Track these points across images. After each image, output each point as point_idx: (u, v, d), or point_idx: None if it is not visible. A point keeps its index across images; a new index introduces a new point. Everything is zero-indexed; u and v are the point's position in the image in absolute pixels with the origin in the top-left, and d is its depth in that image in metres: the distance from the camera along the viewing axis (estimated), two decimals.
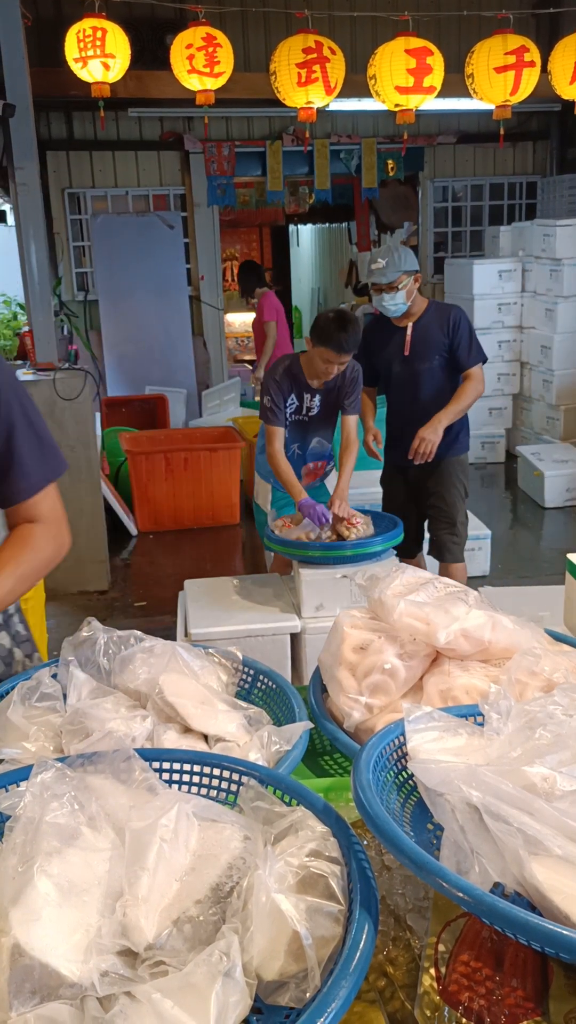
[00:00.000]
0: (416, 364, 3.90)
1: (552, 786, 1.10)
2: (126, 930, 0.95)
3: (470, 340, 3.85)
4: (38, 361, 5.26)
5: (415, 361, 3.90)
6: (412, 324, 3.89)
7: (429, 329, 3.88)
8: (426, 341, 3.88)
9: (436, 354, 3.87)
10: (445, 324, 3.84)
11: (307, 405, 3.75)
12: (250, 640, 3.34)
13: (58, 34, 5.37)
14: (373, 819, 1.06)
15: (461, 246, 9.78)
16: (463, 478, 4.08)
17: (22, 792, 1.08)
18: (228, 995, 0.86)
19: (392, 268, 3.70)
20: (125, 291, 8.64)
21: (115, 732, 1.42)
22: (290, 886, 0.96)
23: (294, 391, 3.70)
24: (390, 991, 1.08)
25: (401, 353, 3.92)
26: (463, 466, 4.09)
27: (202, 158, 8.71)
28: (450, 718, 1.31)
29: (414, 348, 3.89)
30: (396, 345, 3.93)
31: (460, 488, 4.07)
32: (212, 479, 6.53)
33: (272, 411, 3.68)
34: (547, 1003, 0.99)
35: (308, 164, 9.04)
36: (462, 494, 4.08)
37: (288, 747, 1.46)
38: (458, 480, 4.05)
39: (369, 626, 1.68)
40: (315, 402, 3.75)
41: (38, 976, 0.90)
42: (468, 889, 0.94)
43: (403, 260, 3.73)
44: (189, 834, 1.05)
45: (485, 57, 4.99)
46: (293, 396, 3.71)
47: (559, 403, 7.45)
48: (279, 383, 3.69)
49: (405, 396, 4.00)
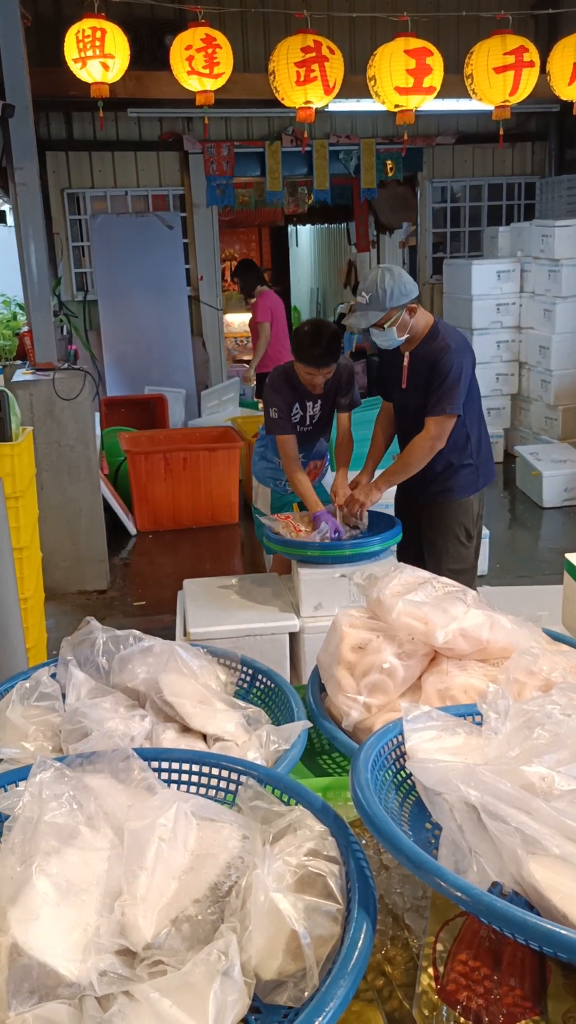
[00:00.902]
0: (412, 399, 3.44)
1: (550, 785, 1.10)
2: (124, 929, 0.95)
3: (445, 387, 3.28)
4: (37, 361, 5.27)
5: (411, 395, 3.45)
6: (410, 353, 3.41)
7: (422, 366, 3.37)
8: (418, 379, 3.40)
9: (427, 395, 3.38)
10: (434, 365, 3.30)
11: (310, 413, 3.72)
12: (249, 639, 3.34)
13: (57, 34, 5.36)
14: (371, 818, 1.07)
15: (460, 246, 9.79)
16: (464, 521, 3.54)
17: (21, 792, 1.08)
18: (226, 994, 0.86)
19: (375, 307, 3.22)
20: (124, 291, 8.65)
21: (114, 731, 1.42)
22: (288, 885, 0.96)
23: (296, 400, 3.65)
24: (388, 990, 1.08)
25: (400, 382, 3.49)
26: (465, 509, 3.53)
27: (201, 158, 8.72)
28: (448, 717, 1.31)
29: (411, 381, 3.44)
30: (397, 371, 3.50)
31: (456, 533, 3.54)
32: (211, 479, 6.53)
33: (279, 421, 3.61)
34: (545, 1002, 0.99)
35: (307, 165, 9.04)
36: (460, 539, 3.55)
37: (286, 746, 1.47)
38: (455, 524, 3.53)
39: (368, 625, 1.68)
40: (316, 408, 3.72)
41: (36, 975, 0.90)
42: (466, 888, 0.94)
43: (390, 296, 3.20)
44: (187, 833, 1.05)
45: (484, 57, 4.99)
46: (296, 405, 3.66)
47: (557, 403, 7.46)
48: (281, 392, 3.62)
49: (404, 431, 3.57)
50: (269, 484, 4.05)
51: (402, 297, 3.23)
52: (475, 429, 3.50)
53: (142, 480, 6.45)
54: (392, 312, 3.23)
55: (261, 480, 4.12)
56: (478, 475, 3.55)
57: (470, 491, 3.53)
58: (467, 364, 3.33)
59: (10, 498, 3.52)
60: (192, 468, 6.49)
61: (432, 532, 3.56)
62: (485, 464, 3.59)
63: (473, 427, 3.49)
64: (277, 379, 3.68)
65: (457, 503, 3.52)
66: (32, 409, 5.01)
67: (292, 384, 3.64)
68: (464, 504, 3.54)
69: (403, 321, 3.28)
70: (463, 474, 3.49)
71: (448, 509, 3.51)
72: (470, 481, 3.52)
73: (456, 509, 3.52)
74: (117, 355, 8.71)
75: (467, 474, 3.50)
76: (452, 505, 3.51)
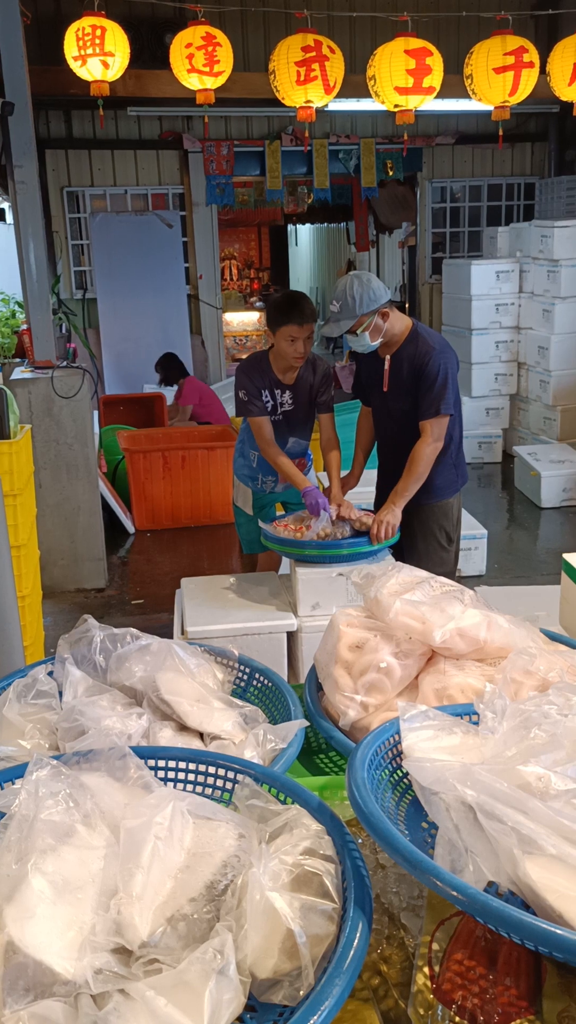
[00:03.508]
0: (393, 403, 3.44)
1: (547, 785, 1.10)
2: (120, 928, 0.95)
3: (434, 390, 3.29)
4: (36, 359, 5.27)
5: (392, 399, 3.45)
6: (391, 356, 3.41)
7: (404, 369, 3.37)
8: (400, 382, 3.39)
9: (410, 398, 3.37)
10: (417, 369, 3.31)
11: (279, 401, 3.68)
12: (246, 638, 3.34)
13: (57, 32, 5.37)
14: (368, 817, 1.07)
15: (459, 246, 9.80)
16: (445, 525, 3.55)
17: (17, 789, 1.08)
18: (222, 993, 0.86)
19: (346, 314, 3.25)
20: (123, 290, 8.65)
21: (111, 730, 1.42)
22: (284, 884, 0.96)
23: (265, 388, 3.63)
24: (384, 989, 1.08)
25: (381, 387, 3.48)
26: (445, 512, 3.55)
27: (201, 157, 8.72)
28: (445, 717, 1.31)
29: (392, 385, 3.43)
30: (377, 375, 3.48)
31: (438, 536, 3.54)
32: (209, 477, 6.53)
33: (250, 403, 3.61)
34: (540, 1002, 0.99)
35: (307, 164, 9.04)
36: (440, 543, 3.55)
37: (283, 745, 1.46)
38: (436, 528, 3.53)
39: (365, 625, 1.68)
40: (287, 398, 3.68)
41: (32, 974, 0.90)
42: (462, 888, 0.94)
43: (359, 303, 3.22)
44: (184, 832, 1.05)
45: (484, 58, 4.99)
46: (265, 392, 3.64)
47: (556, 403, 7.47)
48: (250, 376, 3.61)
49: (386, 435, 3.60)
50: (248, 484, 4.02)
51: (372, 303, 3.25)
52: (456, 429, 3.53)
53: (140, 479, 6.45)
54: (363, 318, 3.26)
55: (240, 477, 4.10)
56: (457, 475, 3.57)
57: (450, 491, 3.55)
58: (452, 364, 3.36)
59: (8, 496, 3.52)
60: (190, 467, 6.49)
61: (413, 536, 3.55)
62: (462, 464, 3.62)
63: (455, 427, 3.51)
64: (248, 363, 3.68)
65: (438, 505, 3.52)
66: (31, 407, 5.01)
67: (262, 368, 3.63)
68: (444, 507, 3.55)
69: (376, 326, 3.30)
70: (444, 475, 3.50)
71: (429, 512, 3.52)
72: (450, 480, 3.54)
73: (437, 512, 3.53)
74: (116, 353, 8.71)
75: (448, 474, 3.52)
76: (433, 508, 3.52)
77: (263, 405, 3.62)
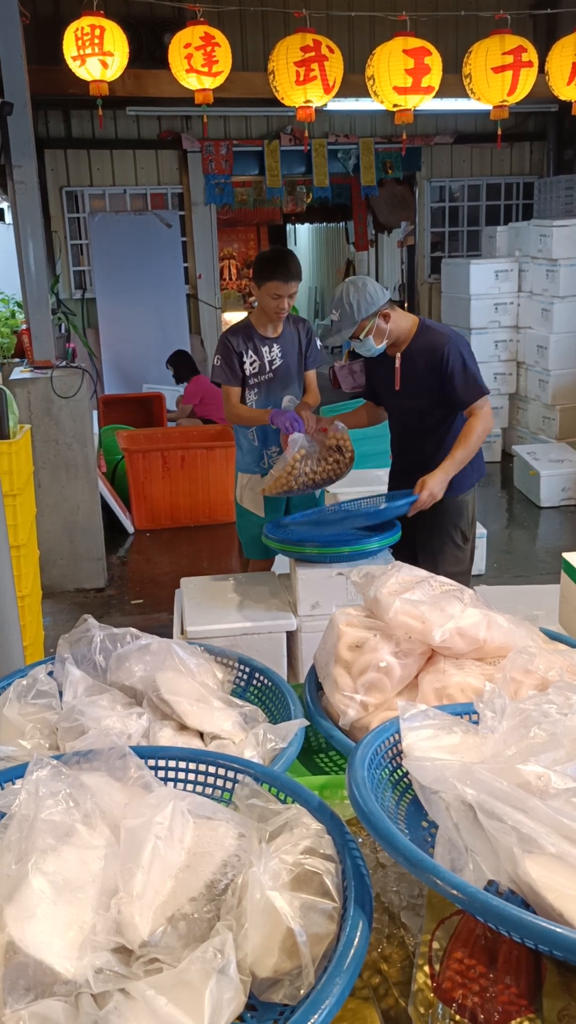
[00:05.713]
0: (406, 401, 3.41)
1: (547, 784, 1.10)
2: (121, 927, 0.95)
3: (464, 376, 3.26)
4: (35, 359, 5.26)
5: (405, 398, 3.41)
6: (400, 354, 3.37)
7: (418, 364, 3.33)
8: (415, 378, 3.35)
9: (426, 393, 3.32)
10: (433, 361, 3.26)
11: (268, 358, 3.79)
12: (246, 638, 3.34)
13: (56, 32, 5.36)
14: (368, 816, 1.07)
15: (458, 246, 9.80)
16: (460, 523, 3.49)
17: (17, 789, 1.08)
18: (222, 992, 0.86)
19: (347, 322, 3.25)
20: (123, 289, 8.64)
21: (111, 729, 1.42)
22: (284, 883, 0.96)
23: (250, 347, 3.76)
24: (384, 988, 1.08)
25: (392, 386, 3.43)
26: (460, 510, 3.47)
27: (200, 157, 8.72)
28: (445, 716, 1.31)
29: (404, 384, 3.39)
30: (388, 374, 3.44)
31: (452, 535, 3.49)
32: (209, 477, 6.53)
33: (223, 368, 3.76)
34: (540, 1000, 0.99)
35: (306, 164, 9.04)
36: (456, 542, 3.50)
37: (283, 744, 1.47)
38: (451, 526, 3.47)
39: (365, 624, 1.68)
40: (276, 353, 3.80)
41: (32, 973, 0.90)
42: (462, 887, 0.94)
43: (357, 309, 3.22)
44: (184, 831, 1.05)
45: (483, 57, 4.99)
46: (251, 352, 3.75)
47: (555, 403, 7.47)
48: (229, 341, 3.75)
49: (399, 433, 3.58)
50: (256, 470, 4.02)
51: (370, 307, 3.24)
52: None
53: (140, 478, 6.45)
54: (364, 323, 3.25)
55: (247, 470, 4.11)
56: (473, 468, 3.49)
57: (466, 486, 3.47)
58: (467, 348, 3.35)
59: (7, 496, 3.51)
60: (190, 466, 6.49)
61: (427, 535, 3.49)
62: (478, 458, 3.53)
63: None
64: (231, 329, 3.84)
65: (452, 503, 3.44)
66: (30, 407, 5.01)
67: (247, 333, 3.78)
68: (459, 504, 3.48)
69: (378, 329, 3.29)
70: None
71: (443, 510, 3.42)
72: (466, 473, 3.44)
73: (451, 510, 3.46)
74: (115, 353, 8.71)
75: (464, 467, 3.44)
76: (447, 505, 3.42)
77: (237, 376, 3.78)
